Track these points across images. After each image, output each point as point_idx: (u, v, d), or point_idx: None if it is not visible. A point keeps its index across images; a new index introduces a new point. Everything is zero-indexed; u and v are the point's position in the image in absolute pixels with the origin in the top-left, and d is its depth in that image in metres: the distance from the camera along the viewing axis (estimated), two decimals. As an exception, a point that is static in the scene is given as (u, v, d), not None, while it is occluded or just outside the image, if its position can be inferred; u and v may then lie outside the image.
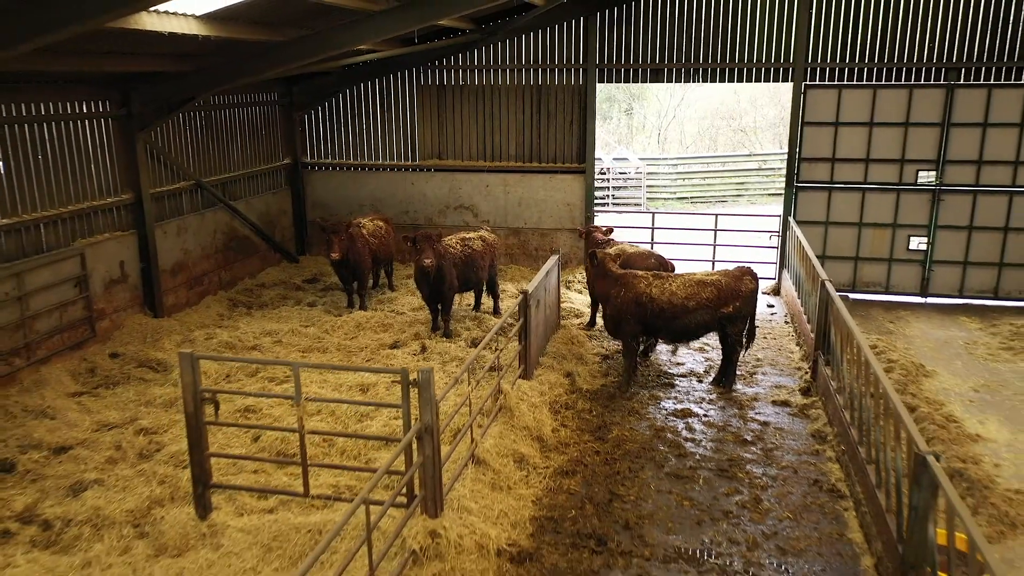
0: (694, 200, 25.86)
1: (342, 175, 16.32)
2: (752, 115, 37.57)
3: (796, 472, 8.21)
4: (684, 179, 26.50)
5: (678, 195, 26.07)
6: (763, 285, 15.07)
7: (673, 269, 11.72)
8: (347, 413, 8.94)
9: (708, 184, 26.29)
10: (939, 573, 5.23)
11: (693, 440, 8.92)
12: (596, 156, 15.44)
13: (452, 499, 6.81)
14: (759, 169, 26.39)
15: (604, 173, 25.11)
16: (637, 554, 6.77)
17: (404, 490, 6.28)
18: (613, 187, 25.28)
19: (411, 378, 6.16)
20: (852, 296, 14.48)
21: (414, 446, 6.13)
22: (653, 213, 16.57)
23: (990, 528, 7.09)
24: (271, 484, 7.61)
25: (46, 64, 8.73)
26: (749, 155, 27.66)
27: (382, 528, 6.45)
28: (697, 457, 8.51)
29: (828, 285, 9.81)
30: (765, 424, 9.34)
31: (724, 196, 25.86)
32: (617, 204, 24.96)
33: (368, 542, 5.21)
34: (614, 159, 25.96)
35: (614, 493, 7.75)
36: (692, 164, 27.35)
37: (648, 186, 25.63)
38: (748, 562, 6.67)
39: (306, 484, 6.74)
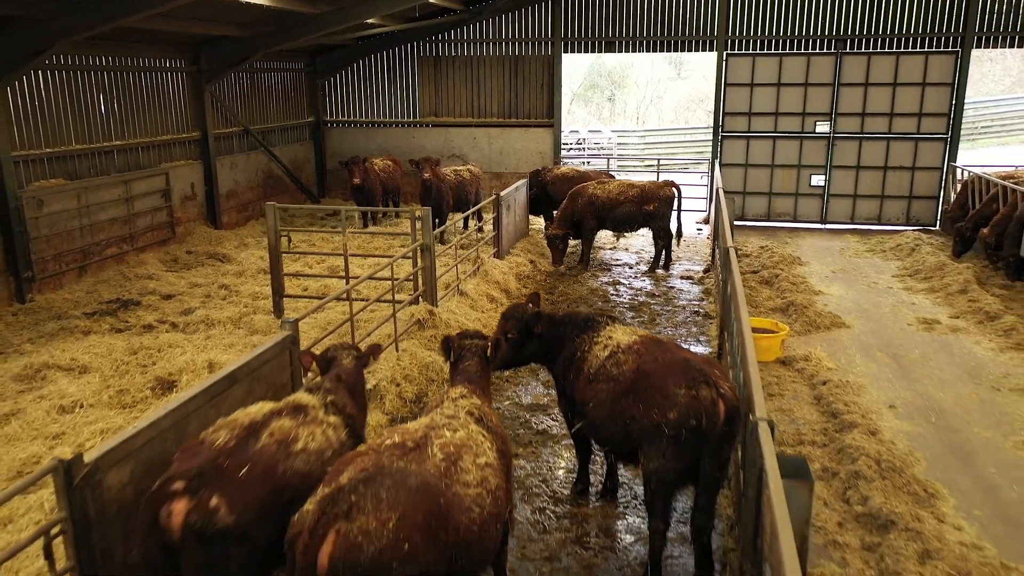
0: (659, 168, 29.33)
1: (355, 130, 19.87)
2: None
3: (684, 308, 11.77)
4: (652, 148, 30.04)
5: (646, 163, 29.61)
6: (696, 216, 18.68)
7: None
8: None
9: (672, 152, 29.85)
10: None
11: (617, 295, 12.48)
12: (574, 129, 18.94)
13: (442, 306, 10.33)
14: (718, 141, 29.90)
15: (580, 143, 28.65)
16: (565, 340, 10.29)
17: (412, 288, 9.83)
18: (588, 155, 28.79)
19: (416, 215, 9.69)
20: (766, 224, 18.04)
21: (419, 256, 9.67)
22: (608, 159, 20.13)
23: (803, 328, 10.65)
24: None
25: (151, 23, 12.19)
26: (708, 127, 31.19)
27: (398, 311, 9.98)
28: (617, 301, 12.07)
29: (720, 192, 13.29)
30: (671, 287, 12.91)
31: (686, 163, 29.42)
32: (592, 170, 28.47)
33: (393, 302, 8.72)
34: (589, 131, 29.47)
35: (555, 317, 11.28)
36: (659, 135, 30.88)
37: (619, 155, 29.17)
38: (637, 344, 10.21)
39: (349, 294, 10.25)
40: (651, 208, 13.47)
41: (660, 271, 13.83)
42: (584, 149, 28.71)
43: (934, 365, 9.39)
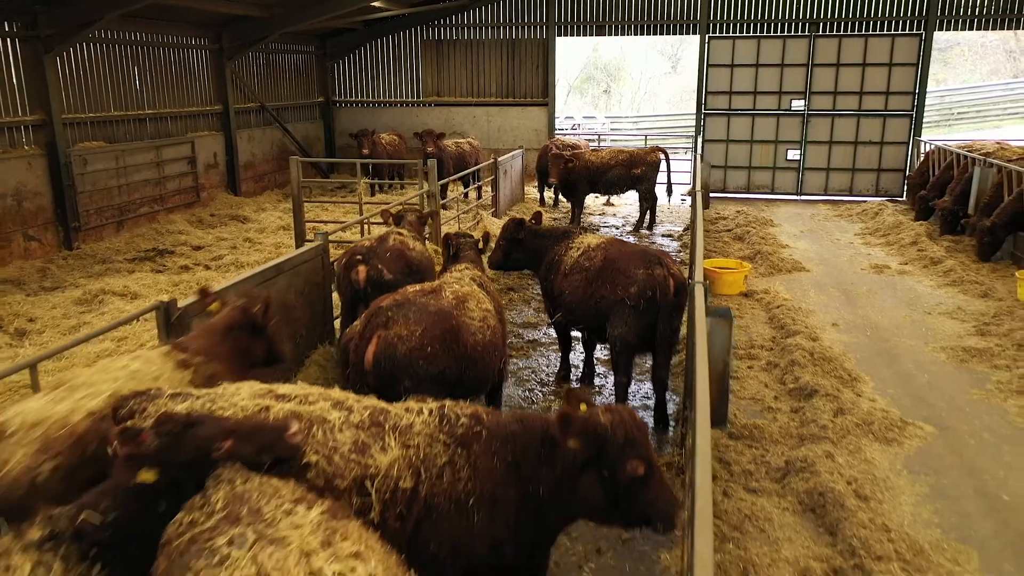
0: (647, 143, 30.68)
1: (363, 110, 21.19)
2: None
3: (663, 258, 13.07)
4: (644, 133, 31.30)
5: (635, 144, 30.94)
6: (681, 189, 19.97)
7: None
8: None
9: (664, 138, 31.15)
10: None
11: (603, 248, 13.79)
12: (569, 116, 20.25)
13: (447, 250, 11.63)
14: (707, 127, 31.22)
15: (575, 128, 29.92)
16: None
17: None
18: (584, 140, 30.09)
19: (424, 169, 11.01)
20: (746, 196, 19.36)
21: (425, 201, 10.98)
22: (599, 138, 21.45)
23: (767, 271, 11.98)
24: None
25: (183, 1, 13.48)
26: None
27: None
28: (603, 254, 13.37)
29: (698, 156, 14.62)
30: (653, 243, 14.22)
31: (677, 147, 30.74)
32: (586, 154, 29.77)
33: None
34: (584, 117, 30.77)
35: (547, 264, 12.61)
36: (651, 121, 32.19)
37: (612, 140, 30.46)
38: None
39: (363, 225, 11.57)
40: (639, 172, 14.79)
41: (644, 231, 15.15)
42: (579, 134, 29.99)
43: (878, 298, 10.71)
